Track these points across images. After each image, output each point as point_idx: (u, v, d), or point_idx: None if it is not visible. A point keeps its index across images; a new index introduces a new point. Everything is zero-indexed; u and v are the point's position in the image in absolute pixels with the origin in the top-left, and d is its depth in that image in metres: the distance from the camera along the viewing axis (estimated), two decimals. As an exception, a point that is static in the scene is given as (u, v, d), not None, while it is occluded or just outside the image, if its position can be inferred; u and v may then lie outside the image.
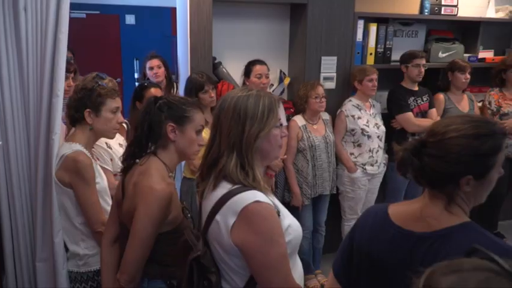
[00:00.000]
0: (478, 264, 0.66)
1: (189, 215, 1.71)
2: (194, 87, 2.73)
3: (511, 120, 3.53)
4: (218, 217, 1.26)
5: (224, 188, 1.27)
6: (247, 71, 2.91)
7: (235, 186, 1.26)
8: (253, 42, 3.30)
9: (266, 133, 1.29)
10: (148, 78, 3.22)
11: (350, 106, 3.20)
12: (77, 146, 1.91)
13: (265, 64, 2.90)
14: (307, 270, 3.03)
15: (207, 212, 1.30)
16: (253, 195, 1.23)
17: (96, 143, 2.09)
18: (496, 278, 0.63)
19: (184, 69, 3.15)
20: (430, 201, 1.17)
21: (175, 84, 3.37)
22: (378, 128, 3.22)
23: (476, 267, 0.65)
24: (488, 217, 3.92)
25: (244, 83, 2.98)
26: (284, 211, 1.35)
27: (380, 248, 1.20)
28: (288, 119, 3.15)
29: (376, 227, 1.23)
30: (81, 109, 1.90)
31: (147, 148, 1.65)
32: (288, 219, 1.33)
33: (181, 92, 3.05)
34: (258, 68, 2.86)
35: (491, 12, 3.87)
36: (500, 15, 3.90)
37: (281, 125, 1.37)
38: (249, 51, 3.14)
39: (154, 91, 2.68)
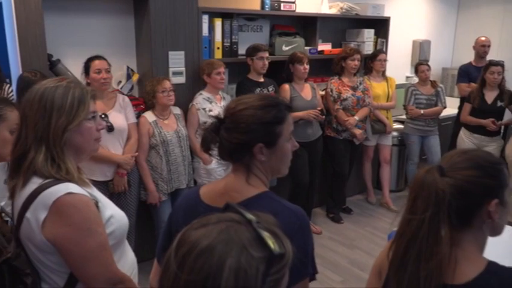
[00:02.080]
0: (223, 217, 0.73)
1: (7, 218, 1.58)
2: (26, 87, 2.51)
3: (353, 118, 3.94)
4: (28, 214, 1.20)
5: (34, 183, 1.21)
6: (86, 68, 2.78)
7: (47, 181, 1.20)
8: (96, 38, 3.16)
9: (76, 126, 1.25)
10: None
11: (201, 99, 3.25)
12: None
13: (105, 59, 2.80)
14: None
15: (18, 210, 1.22)
16: (65, 187, 1.20)
17: None
18: (235, 226, 0.70)
19: (15, 67, 2.88)
20: (233, 176, 1.24)
21: (7, 83, 3.06)
22: (229, 119, 3.32)
23: (220, 219, 0.72)
24: (337, 195, 4.33)
25: (88, 83, 2.83)
26: (105, 202, 1.33)
27: None
28: (139, 116, 3.09)
29: (189, 208, 1.27)
30: None
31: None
32: (110, 210, 1.32)
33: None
34: (96, 63, 2.75)
35: (326, 8, 4.25)
36: (334, 11, 4.31)
37: (94, 117, 1.33)
38: (92, 48, 3.00)
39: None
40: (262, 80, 3.54)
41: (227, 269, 0.65)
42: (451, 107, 4.97)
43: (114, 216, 1.31)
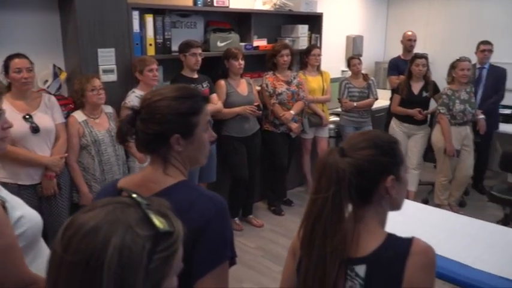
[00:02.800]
0: (112, 200, 0.75)
1: None
2: None
3: (289, 112, 4.02)
4: None
5: None
6: (6, 67, 2.64)
7: None
8: (18, 35, 3.00)
9: None
10: None
11: (133, 97, 3.19)
12: None
13: (26, 57, 2.68)
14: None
15: None
16: None
17: None
18: (122, 208, 0.72)
19: None
20: (151, 168, 1.24)
21: None
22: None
23: (108, 202, 0.74)
24: (277, 188, 4.41)
25: (9, 83, 2.70)
26: (15, 202, 1.29)
27: None
28: (68, 116, 2.99)
29: None
30: None
31: None
32: (20, 211, 1.27)
33: None
34: (16, 62, 2.62)
35: (259, 5, 4.30)
36: (267, 7, 4.37)
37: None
38: (13, 46, 2.84)
39: None
40: (196, 76, 3.53)
41: (111, 247, 0.66)
42: (383, 99, 5.21)
43: (25, 216, 1.27)
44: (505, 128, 4.82)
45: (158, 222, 0.71)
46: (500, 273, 2.01)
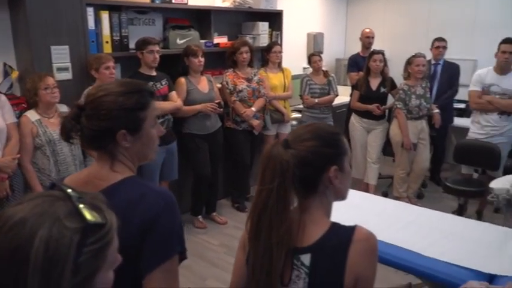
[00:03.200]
0: (41, 194, 0.75)
1: None
2: None
3: (250, 110, 4.03)
4: None
5: None
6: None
7: None
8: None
9: None
10: None
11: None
12: None
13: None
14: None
15: None
16: None
17: None
18: (52, 201, 0.72)
19: None
20: (98, 164, 1.22)
21: None
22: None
23: (37, 196, 0.73)
24: (241, 185, 4.42)
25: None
26: None
27: None
28: (21, 115, 2.89)
29: None
30: None
31: None
32: None
33: None
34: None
35: (219, 2, 4.29)
36: (227, 4, 4.37)
37: None
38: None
39: None
40: (154, 74, 3.49)
41: (38, 239, 0.65)
42: (344, 95, 5.31)
43: None
44: (459, 121, 5.01)
45: (88, 214, 0.70)
46: (451, 260, 2.10)
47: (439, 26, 5.62)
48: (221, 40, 4.32)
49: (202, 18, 4.25)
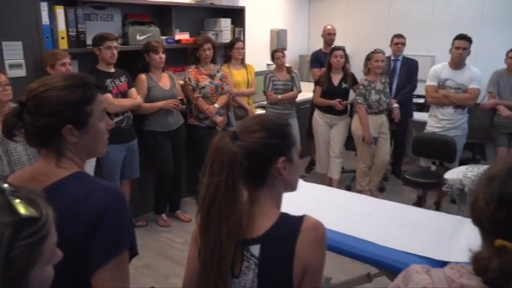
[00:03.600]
0: None
1: None
2: None
3: (213, 106, 4.00)
4: None
5: None
6: None
7: None
8: None
9: None
10: None
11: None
12: None
13: None
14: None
15: None
16: None
17: None
18: None
19: None
20: (43, 161, 1.18)
21: None
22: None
23: None
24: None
25: None
26: None
27: None
28: (-29, 114, 2.77)
29: None
30: None
31: None
32: None
33: None
34: None
35: (181, -2, 4.25)
36: (188, 0, 4.32)
37: None
38: None
39: None
40: (113, 70, 3.42)
41: None
42: (308, 91, 5.36)
43: None
44: (418, 116, 5.15)
45: (22, 208, 0.68)
46: (406, 249, 2.15)
47: (398, 23, 5.76)
48: (183, 36, 4.28)
49: (163, 14, 4.20)
